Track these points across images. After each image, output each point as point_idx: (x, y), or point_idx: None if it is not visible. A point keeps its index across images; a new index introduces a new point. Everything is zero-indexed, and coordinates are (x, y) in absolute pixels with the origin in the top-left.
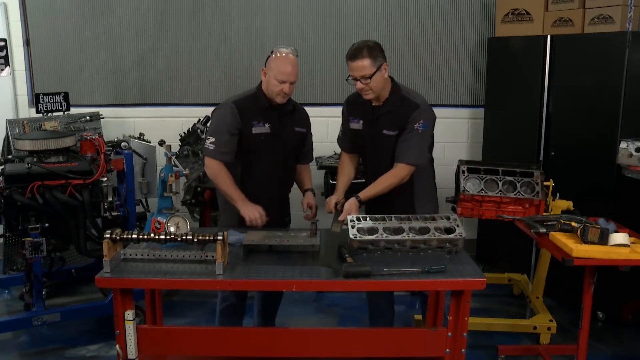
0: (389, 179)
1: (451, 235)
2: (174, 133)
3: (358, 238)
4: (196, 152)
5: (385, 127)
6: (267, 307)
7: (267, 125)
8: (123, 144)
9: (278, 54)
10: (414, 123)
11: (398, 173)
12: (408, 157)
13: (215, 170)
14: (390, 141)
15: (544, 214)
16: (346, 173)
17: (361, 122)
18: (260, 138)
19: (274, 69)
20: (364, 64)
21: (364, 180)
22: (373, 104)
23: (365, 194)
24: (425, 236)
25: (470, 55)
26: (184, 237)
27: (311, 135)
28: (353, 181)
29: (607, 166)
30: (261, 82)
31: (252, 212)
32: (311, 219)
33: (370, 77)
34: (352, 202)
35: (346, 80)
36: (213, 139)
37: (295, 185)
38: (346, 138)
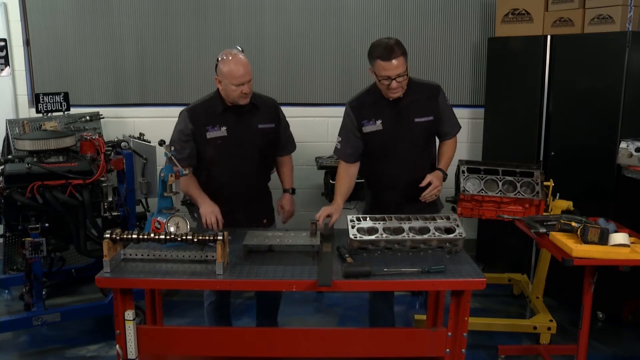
0: (450, 148)
1: (451, 235)
2: None
3: (358, 238)
4: None
5: (415, 115)
6: (267, 307)
7: (224, 129)
8: (123, 144)
9: (225, 58)
10: (445, 103)
11: (455, 143)
12: (455, 128)
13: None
14: (424, 127)
15: (544, 214)
16: (347, 182)
17: (379, 121)
18: (216, 142)
19: (226, 75)
20: (401, 62)
21: (362, 180)
22: (391, 99)
23: (443, 165)
24: (425, 236)
25: (470, 55)
26: (184, 237)
27: (286, 126)
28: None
29: (607, 166)
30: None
31: (208, 215)
32: (284, 222)
33: (406, 74)
34: (436, 173)
35: (378, 81)
36: (173, 147)
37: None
38: (348, 147)
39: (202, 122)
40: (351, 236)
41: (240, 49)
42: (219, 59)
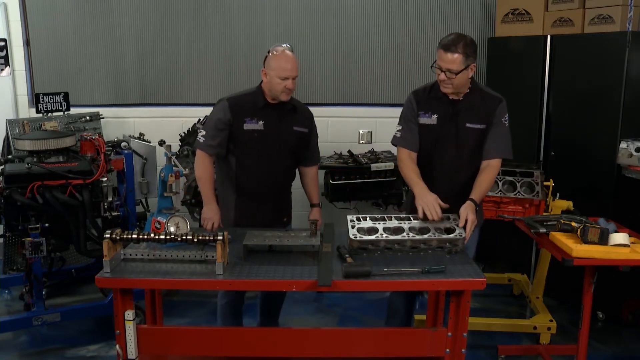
0: (490, 176)
1: (451, 235)
2: (174, 133)
3: (358, 238)
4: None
5: (468, 120)
6: (270, 306)
7: (261, 123)
8: (123, 144)
9: (275, 52)
10: (500, 117)
11: (496, 168)
12: (503, 151)
13: (200, 165)
14: (474, 134)
15: (544, 214)
16: (415, 166)
17: (435, 116)
18: (252, 135)
19: (274, 67)
20: (455, 59)
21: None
22: (451, 98)
23: (476, 195)
24: (425, 236)
25: None
26: (184, 237)
27: (316, 136)
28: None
29: (607, 166)
30: (262, 81)
31: (207, 220)
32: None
33: (457, 73)
34: (469, 206)
35: (431, 67)
36: (204, 132)
37: (298, 188)
38: (410, 135)
39: (242, 113)
40: (351, 236)
41: (289, 46)
42: (270, 51)
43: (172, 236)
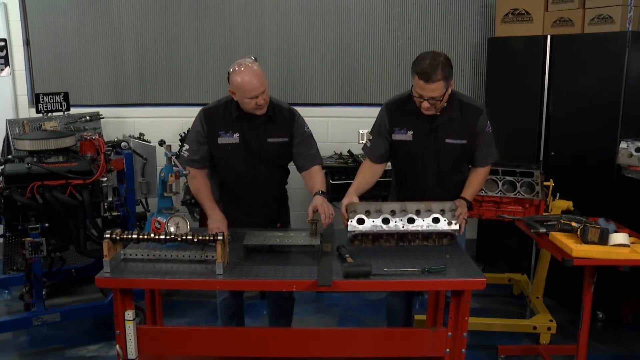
0: (480, 177)
1: (448, 204)
2: (174, 133)
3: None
4: None
5: (448, 136)
6: (279, 312)
7: (236, 135)
8: (123, 144)
9: (237, 69)
10: (483, 128)
11: (487, 172)
12: (492, 158)
13: (191, 179)
14: (455, 150)
15: (544, 214)
16: (367, 177)
17: (410, 132)
18: (226, 149)
19: (238, 87)
20: (436, 87)
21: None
22: (426, 114)
23: (468, 194)
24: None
25: (470, 55)
26: (184, 237)
27: (304, 139)
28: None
29: (607, 166)
30: None
31: (214, 224)
32: (325, 225)
33: (441, 99)
34: (461, 204)
35: (412, 96)
36: (187, 147)
37: (297, 188)
38: (377, 148)
39: (216, 126)
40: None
41: (253, 58)
42: (231, 70)
43: (172, 236)
